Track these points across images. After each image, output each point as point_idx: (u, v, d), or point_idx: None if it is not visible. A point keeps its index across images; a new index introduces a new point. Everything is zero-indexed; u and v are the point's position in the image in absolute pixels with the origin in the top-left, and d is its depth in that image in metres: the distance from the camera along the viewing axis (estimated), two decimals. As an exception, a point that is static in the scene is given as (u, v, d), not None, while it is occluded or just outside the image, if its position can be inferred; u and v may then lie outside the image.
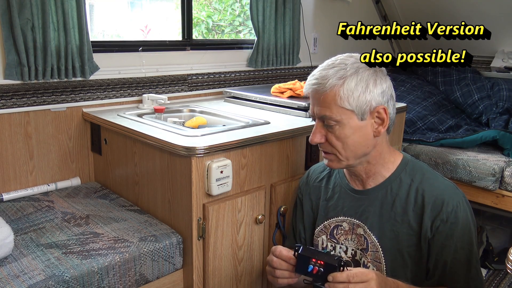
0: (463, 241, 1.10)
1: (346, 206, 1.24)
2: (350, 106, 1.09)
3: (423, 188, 1.14)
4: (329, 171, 1.33)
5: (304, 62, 2.66)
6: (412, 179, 1.16)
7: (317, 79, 1.12)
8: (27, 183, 1.68)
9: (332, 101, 1.09)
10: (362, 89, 1.09)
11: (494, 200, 2.15)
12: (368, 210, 1.19)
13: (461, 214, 1.10)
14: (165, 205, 1.45)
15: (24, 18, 1.54)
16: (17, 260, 1.19)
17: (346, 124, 1.10)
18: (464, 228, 1.10)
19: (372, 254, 1.18)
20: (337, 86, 1.09)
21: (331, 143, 1.13)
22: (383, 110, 1.12)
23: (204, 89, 2.20)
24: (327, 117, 1.11)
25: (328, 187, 1.31)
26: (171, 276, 1.38)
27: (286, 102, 1.85)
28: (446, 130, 2.53)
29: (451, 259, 1.10)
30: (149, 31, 2.34)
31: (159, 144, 1.38)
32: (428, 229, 1.11)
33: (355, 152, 1.13)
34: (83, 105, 1.78)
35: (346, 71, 1.09)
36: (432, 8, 3.03)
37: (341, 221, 1.25)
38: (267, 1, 2.30)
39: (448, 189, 1.14)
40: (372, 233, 1.18)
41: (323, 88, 1.10)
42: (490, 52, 2.99)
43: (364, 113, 1.10)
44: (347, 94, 1.08)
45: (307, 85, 1.15)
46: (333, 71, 1.10)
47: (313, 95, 1.14)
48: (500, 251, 2.36)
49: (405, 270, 1.15)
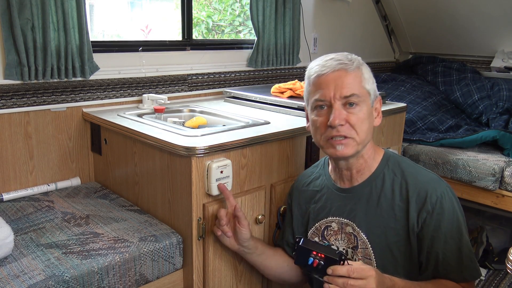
0: (452, 231, 1.11)
1: (334, 206, 1.25)
2: (369, 88, 1.15)
3: (406, 181, 1.15)
4: (316, 175, 1.35)
5: (304, 62, 2.66)
6: (395, 173, 1.18)
7: (340, 60, 1.14)
8: (27, 183, 1.68)
9: (358, 80, 1.13)
10: (372, 77, 1.18)
11: (494, 200, 2.15)
12: (355, 208, 1.20)
13: (446, 205, 1.11)
14: (165, 205, 1.45)
15: (24, 18, 1.54)
16: (17, 260, 1.19)
17: (365, 106, 1.14)
18: (451, 218, 1.11)
19: (362, 251, 1.19)
20: (360, 68, 1.15)
21: (352, 124, 1.13)
22: (379, 101, 1.21)
23: (204, 89, 2.20)
24: (354, 96, 1.12)
25: (315, 189, 1.32)
26: (171, 276, 1.38)
27: (286, 102, 1.85)
28: (446, 130, 2.53)
29: (441, 250, 1.11)
30: (149, 31, 2.34)
31: (159, 144, 1.38)
32: (415, 222, 1.12)
33: (366, 136, 1.15)
34: (83, 105, 1.78)
35: (360, 60, 1.18)
36: (432, 8, 3.03)
37: (330, 222, 1.25)
38: (267, 1, 2.30)
39: (431, 181, 1.14)
40: (361, 230, 1.19)
41: (350, 68, 1.13)
42: (490, 52, 2.99)
43: (373, 99, 1.18)
44: (367, 76, 1.16)
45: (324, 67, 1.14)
46: (350, 57, 1.16)
47: (334, 77, 1.13)
48: (500, 251, 2.36)
49: (395, 266, 1.15)
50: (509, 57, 2.88)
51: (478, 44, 3.04)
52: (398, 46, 3.55)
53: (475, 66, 3.03)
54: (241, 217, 1.26)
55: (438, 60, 3.09)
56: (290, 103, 1.83)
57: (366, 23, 3.21)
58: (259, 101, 1.94)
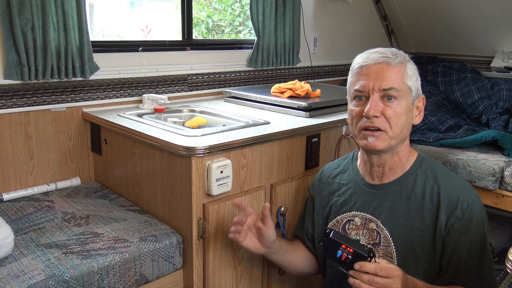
0: (476, 239, 1.12)
1: (359, 201, 1.25)
2: (411, 85, 1.15)
3: (439, 185, 1.16)
4: (343, 168, 1.35)
5: (304, 62, 2.66)
6: (427, 176, 1.18)
7: (384, 54, 1.15)
8: (27, 183, 1.68)
9: (399, 75, 1.14)
10: (417, 75, 1.18)
11: (494, 200, 2.15)
12: (382, 205, 1.20)
13: (475, 212, 1.12)
14: (165, 205, 1.45)
15: (24, 18, 1.54)
16: (17, 260, 1.19)
17: (404, 101, 1.14)
18: (478, 226, 1.12)
19: (384, 248, 1.19)
20: (403, 64, 1.15)
21: (387, 118, 1.13)
22: (423, 100, 1.20)
23: (204, 89, 2.20)
24: (393, 89, 1.12)
25: (341, 183, 1.32)
26: (171, 276, 1.38)
27: (286, 102, 1.85)
28: (446, 130, 2.53)
29: (464, 256, 1.11)
30: (149, 31, 2.34)
31: (159, 144, 1.38)
32: (443, 226, 1.12)
33: (401, 132, 1.15)
34: (83, 105, 1.78)
35: (406, 56, 1.18)
36: (432, 8, 3.03)
37: (353, 216, 1.25)
38: (267, 1, 2.30)
39: (463, 187, 1.16)
40: (385, 228, 1.19)
41: (393, 62, 1.14)
42: (490, 52, 2.99)
43: (415, 97, 1.17)
44: (411, 73, 1.15)
45: (368, 59, 1.15)
46: (395, 51, 1.17)
47: (375, 69, 1.14)
48: (500, 251, 2.36)
49: (416, 266, 1.15)
50: (509, 57, 2.88)
51: (478, 44, 3.04)
52: (398, 46, 3.54)
53: (475, 66, 3.03)
54: (268, 216, 1.23)
55: (438, 60, 3.09)
56: (290, 103, 1.83)
57: (366, 23, 3.21)
58: (259, 101, 1.94)
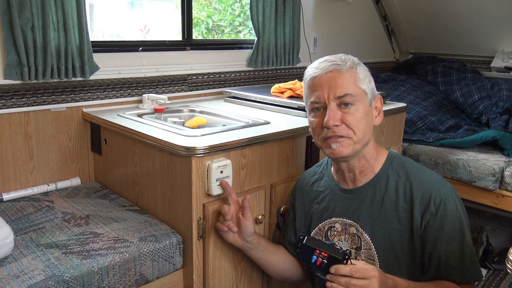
0: (454, 233, 1.11)
1: (337, 206, 1.25)
2: (365, 88, 1.16)
3: (411, 183, 1.15)
4: (319, 175, 1.35)
5: (304, 62, 2.66)
6: (399, 174, 1.18)
7: (333, 61, 1.16)
8: (27, 183, 1.68)
9: (352, 81, 1.14)
10: (369, 77, 1.19)
11: (494, 200, 2.15)
12: (359, 208, 1.20)
13: (450, 206, 1.11)
14: (165, 205, 1.45)
15: (24, 18, 1.54)
16: (17, 260, 1.19)
17: (362, 105, 1.15)
18: (454, 220, 1.11)
19: (366, 252, 1.19)
20: (354, 68, 1.16)
21: (348, 124, 1.13)
22: (380, 100, 1.21)
23: (204, 89, 2.20)
24: (348, 95, 1.13)
25: (319, 190, 1.32)
26: (171, 276, 1.38)
27: (286, 102, 1.85)
28: (446, 130, 2.53)
29: (444, 251, 1.11)
30: (148, 31, 2.34)
31: (159, 144, 1.38)
32: (419, 224, 1.12)
33: (364, 136, 1.15)
34: (83, 105, 1.78)
35: (355, 60, 1.19)
36: (432, 8, 3.03)
37: (334, 222, 1.25)
38: (267, 1, 2.30)
39: (435, 182, 1.15)
40: (365, 231, 1.19)
41: (343, 68, 1.14)
42: (490, 52, 2.99)
43: (371, 98, 1.18)
44: (362, 76, 1.16)
45: (318, 70, 1.16)
46: (344, 58, 1.17)
47: (327, 78, 1.15)
48: (500, 251, 2.36)
49: (399, 267, 1.15)
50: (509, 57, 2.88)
51: (478, 44, 3.04)
52: (398, 46, 3.55)
53: (475, 66, 3.03)
54: (247, 208, 1.26)
55: (438, 60, 3.09)
56: (290, 103, 1.83)
57: (366, 23, 3.21)
58: (259, 101, 1.94)
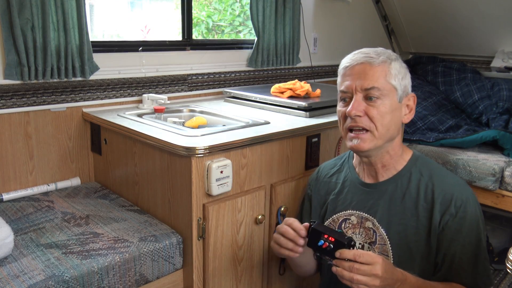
0: (471, 236, 1.12)
1: (355, 200, 1.25)
2: (395, 84, 1.15)
3: (433, 183, 1.16)
4: (339, 167, 1.35)
5: (304, 62, 2.66)
6: (422, 174, 1.19)
7: (367, 54, 1.16)
8: (27, 183, 1.68)
9: (382, 75, 1.14)
10: (403, 73, 1.18)
11: (494, 200, 2.15)
12: (378, 203, 1.21)
13: (470, 210, 1.12)
14: (165, 205, 1.45)
15: (24, 18, 1.54)
16: (17, 260, 1.19)
17: (389, 100, 1.14)
18: (472, 224, 1.12)
19: (380, 247, 1.19)
20: (387, 63, 1.16)
21: (371, 117, 1.14)
22: (413, 98, 1.20)
23: (204, 89, 2.20)
24: (375, 88, 1.13)
25: (338, 182, 1.32)
26: (171, 276, 1.38)
27: (286, 102, 1.85)
28: (446, 130, 2.53)
29: (458, 253, 1.12)
30: (148, 31, 2.34)
31: (159, 144, 1.38)
32: (437, 224, 1.13)
33: (387, 131, 1.15)
34: (83, 105, 1.78)
35: (391, 55, 1.18)
36: (432, 8, 3.03)
37: (350, 215, 1.26)
38: (267, 1, 2.30)
39: (457, 185, 1.16)
40: (381, 226, 1.19)
41: (375, 61, 1.14)
42: (490, 52, 2.99)
43: (402, 95, 1.17)
44: (395, 72, 1.15)
45: (351, 60, 1.17)
46: (380, 51, 1.17)
47: (358, 69, 1.15)
48: (500, 251, 2.36)
49: (412, 264, 1.16)
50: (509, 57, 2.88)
51: (478, 44, 3.04)
52: (398, 46, 3.54)
53: (475, 66, 3.03)
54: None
55: (438, 60, 3.09)
56: (290, 103, 1.83)
57: (366, 23, 3.21)
58: (259, 101, 1.94)
